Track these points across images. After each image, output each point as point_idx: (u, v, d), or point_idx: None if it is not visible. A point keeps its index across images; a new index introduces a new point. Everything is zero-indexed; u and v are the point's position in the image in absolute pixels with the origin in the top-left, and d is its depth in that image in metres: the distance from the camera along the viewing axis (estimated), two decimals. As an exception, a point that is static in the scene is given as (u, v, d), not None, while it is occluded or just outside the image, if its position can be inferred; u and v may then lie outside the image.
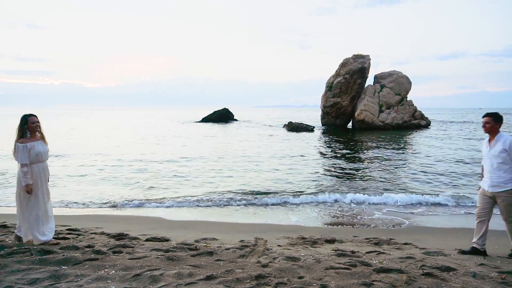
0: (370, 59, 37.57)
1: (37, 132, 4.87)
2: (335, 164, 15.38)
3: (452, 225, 7.29)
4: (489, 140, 4.79)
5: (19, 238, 4.85)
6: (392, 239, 5.86)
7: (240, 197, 9.28)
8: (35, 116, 4.87)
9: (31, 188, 4.67)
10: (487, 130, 4.75)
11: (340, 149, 20.34)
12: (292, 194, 9.75)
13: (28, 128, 4.77)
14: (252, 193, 9.85)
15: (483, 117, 4.82)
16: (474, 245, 4.90)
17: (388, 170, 13.64)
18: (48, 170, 5.01)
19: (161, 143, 23.36)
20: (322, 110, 39.67)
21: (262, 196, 9.39)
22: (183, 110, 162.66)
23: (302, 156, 17.44)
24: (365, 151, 19.43)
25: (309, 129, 35.00)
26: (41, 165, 4.84)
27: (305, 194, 9.72)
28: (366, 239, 5.90)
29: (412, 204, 8.81)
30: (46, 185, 4.92)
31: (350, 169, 14.07)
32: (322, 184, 11.22)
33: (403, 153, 18.48)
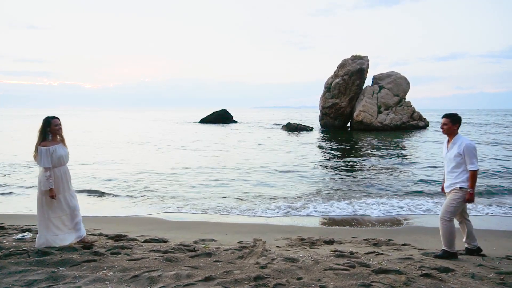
0: (368, 60, 37.65)
1: (58, 135, 4.79)
2: (333, 167, 15.39)
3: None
4: (448, 142, 4.75)
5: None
6: (391, 240, 5.86)
7: (243, 205, 8.94)
8: (57, 118, 4.78)
9: (55, 193, 4.62)
10: (445, 132, 4.70)
11: (337, 151, 20.36)
12: (292, 199, 9.73)
13: (51, 130, 4.69)
14: (250, 197, 9.82)
15: (441, 117, 4.75)
16: (466, 245, 4.90)
17: (384, 173, 13.64)
18: (69, 173, 4.94)
19: (161, 146, 23.34)
20: (320, 111, 39.71)
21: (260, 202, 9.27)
22: (182, 111, 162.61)
23: (301, 158, 17.45)
24: (363, 153, 19.44)
25: (307, 129, 35.05)
26: (62, 168, 4.78)
27: (304, 199, 9.69)
28: (364, 240, 5.90)
29: (409, 209, 8.78)
30: (68, 188, 4.85)
31: (347, 172, 14.07)
32: (322, 189, 11.21)
33: (402, 155, 18.49)
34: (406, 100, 37.68)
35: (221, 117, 51.01)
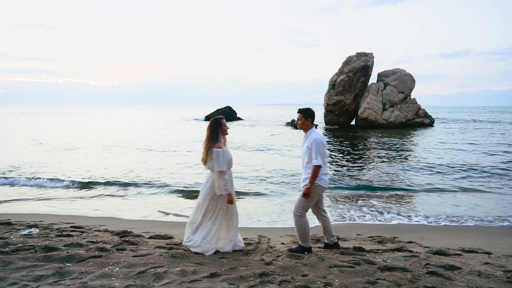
0: (373, 57, 37.40)
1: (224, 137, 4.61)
2: (338, 164, 15.35)
3: (456, 223, 7.25)
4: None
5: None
6: (396, 237, 5.83)
7: (248, 203, 9.08)
8: (224, 119, 4.63)
9: (233, 197, 4.48)
10: (300, 127, 4.70)
11: (342, 148, 20.31)
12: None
13: (222, 132, 4.52)
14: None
15: (297, 112, 4.72)
16: (325, 240, 4.94)
17: (389, 170, 13.57)
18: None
19: (168, 146, 23.39)
20: (325, 108, 39.56)
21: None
22: (185, 109, 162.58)
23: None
24: (368, 150, 19.37)
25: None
26: (230, 171, 4.60)
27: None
28: (369, 237, 5.88)
29: (415, 206, 8.74)
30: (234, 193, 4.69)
31: (352, 169, 14.03)
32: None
33: (407, 153, 18.40)
34: (411, 97, 37.44)
35: (226, 115, 50.90)
